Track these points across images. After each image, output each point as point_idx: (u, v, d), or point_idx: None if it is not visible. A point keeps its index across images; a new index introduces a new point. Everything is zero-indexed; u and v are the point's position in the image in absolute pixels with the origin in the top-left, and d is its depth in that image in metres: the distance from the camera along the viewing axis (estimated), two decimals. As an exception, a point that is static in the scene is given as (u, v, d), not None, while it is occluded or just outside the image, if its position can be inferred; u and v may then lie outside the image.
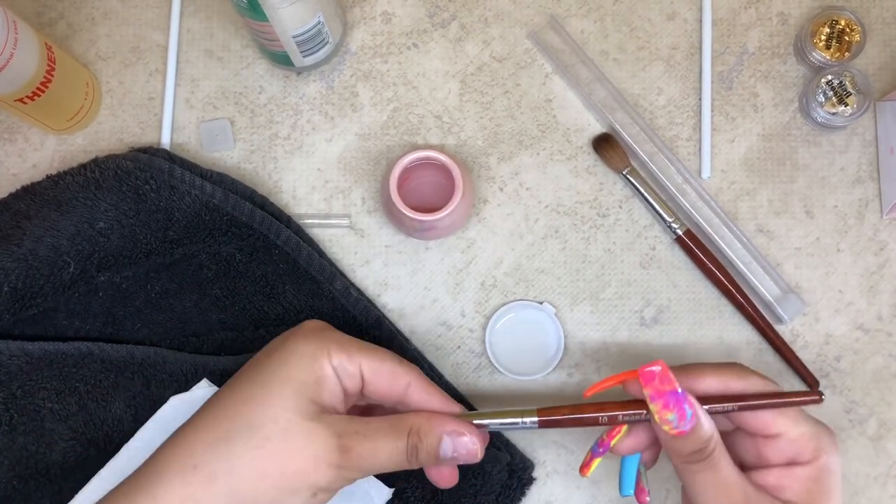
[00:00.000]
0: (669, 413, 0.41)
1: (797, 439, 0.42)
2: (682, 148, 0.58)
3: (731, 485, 0.41)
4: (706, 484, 0.41)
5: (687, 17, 0.59)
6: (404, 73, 0.59)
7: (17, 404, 0.50)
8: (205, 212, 0.52)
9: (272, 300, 0.54)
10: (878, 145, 0.58)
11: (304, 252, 0.54)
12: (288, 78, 0.59)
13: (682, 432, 0.41)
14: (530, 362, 0.56)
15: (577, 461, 0.55)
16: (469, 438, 0.42)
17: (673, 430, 0.41)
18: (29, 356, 0.50)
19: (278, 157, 0.58)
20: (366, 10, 0.59)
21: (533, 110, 0.58)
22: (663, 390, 0.41)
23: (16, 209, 0.51)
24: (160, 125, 0.58)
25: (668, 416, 0.41)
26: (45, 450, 0.50)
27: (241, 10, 0.50)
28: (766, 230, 0.57)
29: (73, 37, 0.59)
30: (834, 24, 0.56)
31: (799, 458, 0.42)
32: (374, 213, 0.58)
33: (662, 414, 0.41)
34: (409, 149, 0.57)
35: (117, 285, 0.53)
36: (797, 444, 0.42)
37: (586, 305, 0.57)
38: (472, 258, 0.57)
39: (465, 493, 0.52)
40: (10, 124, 0.58)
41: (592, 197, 0.58)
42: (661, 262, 0.57)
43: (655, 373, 0.41)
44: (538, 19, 0.59)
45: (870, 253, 0.57)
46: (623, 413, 0.43)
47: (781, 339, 0.55)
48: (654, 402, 0.41)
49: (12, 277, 0.50)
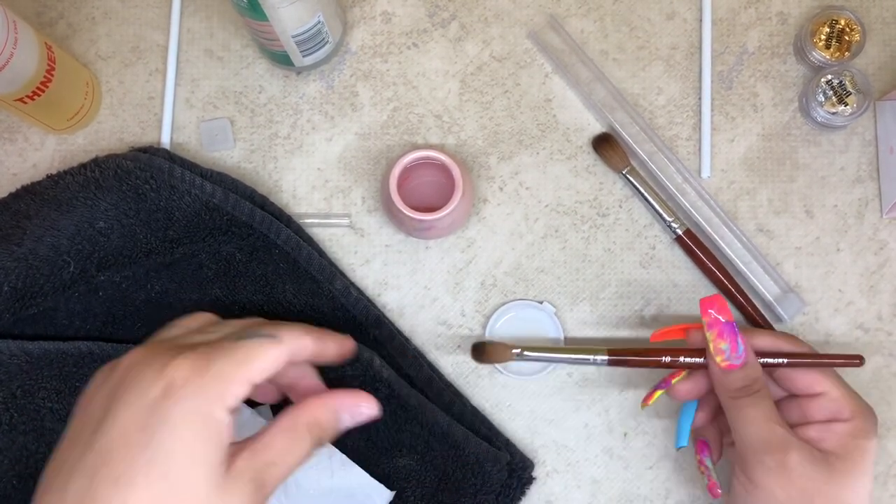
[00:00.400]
0: (723, 342, 0.46)
1: (839, 398, 0.46)
2: (682, 147, 0.58)
3: (773, 421, 0.45)
4: (750, 419, 0.45)
5: (687, 17, 0.59)
6: (404, 72, 0.59)
7: (17, 404, 0.50)
8: (205, 211, 0.52)
9: (272, 300, 0.54)
10: (877, 145, 0.58)
11: (304, 251, 0.54)
12: (288, 77, 0.59)
13: (733, 366, 0.46)
14: (530, 362, 0.55)
15: (576, 461, 0.55)
16: (366, 406, 0.41)
17: (724, 361, 0.46)
18: (29, 355, 0.50)
19: (278, 156, 0.58)
20: (366, 10, 0.60)
21: (533, 110, 0.59)
22: (719, 319, 0.46)
23: (16, 209, 0.51)
24: (160, 125, 0.58)
25: (722, 345, 0.46)
26: (45, 449, 0.50)
27: (241, 9, 0.50)
28: (765, 230, 0.57)
29: (73, 37, 0.59)
30: (834, 24, 0.56)
31: (839, 415, 0.46)
32: (374, 212, 0.58)
33: (717, 343, 0.46)
34: (408, 148, 0.57)
35: (117, 285, 0.53)
36: (838, 402, 0.46)
37: (586, 305, 0.57)
38: (471, 258, 0.57)
39: (464, 493, 0.52)
40: (10, 124, 0.58)
41: (592, 196, 0.58)
42: (661, 261, 0.57)
43: (714, 301, 0.46)
44: (538, 19, 0.59)
45: (870, 252, 0.57)
46: (684, 356, 0.48)
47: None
48: (710, 329, 0.47)
49: (12, 277, 0.50)
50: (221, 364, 0.35)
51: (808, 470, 0.44)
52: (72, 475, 0.33)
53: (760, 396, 0.46)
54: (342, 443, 0.52)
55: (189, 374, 0.34)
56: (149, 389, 0.34)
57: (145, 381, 0.34)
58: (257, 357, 0.37)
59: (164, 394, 0.34)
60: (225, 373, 0.35)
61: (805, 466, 0.44)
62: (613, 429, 0.56)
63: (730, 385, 0.46)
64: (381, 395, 0.52)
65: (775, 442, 0.44)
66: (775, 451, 0.44)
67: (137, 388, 0.34)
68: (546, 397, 0.56)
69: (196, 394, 0.34)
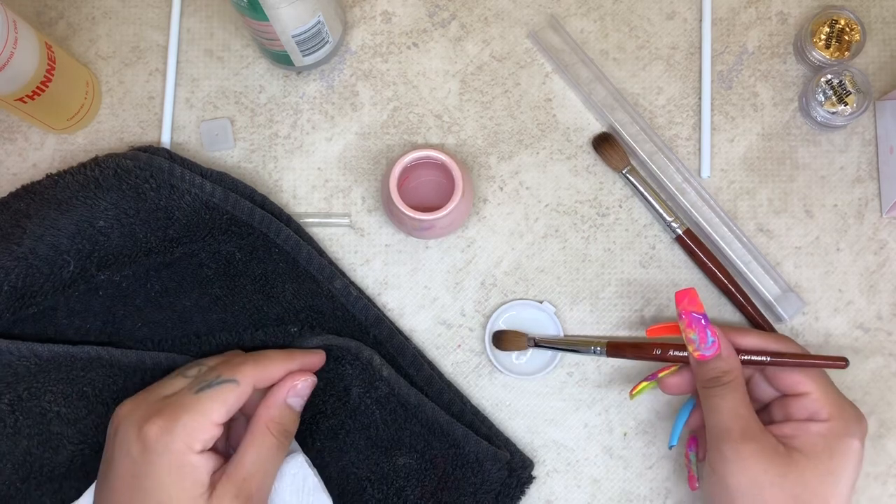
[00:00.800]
0: (692, 332, 0.48)
1: (819, 399, 0.47)
2: (682, 147, 0.58)
3: (738, 411, 0.46)
4: (715, 408, 0.46)
5: (686, 17, 0.59)
6: (404, 72, 0.59)
7: (23, 406, 0.49)
8: (205, 211, 0.52)
9: (272, 299, 0.54)
10: (877, 144, 0.58)
11: (304, 251, 0.54)
12: (288, 77, 0.59)
13: (704, 356, 0.48)
14: (531, 362, 0.56)
15: (576, 460, 0.55)
16: (301, 381, 0.48)
17: (696, 351, 0.48)
18: (38, 357, 0.49)
19: (278, 156, 0.58)
20: (366, 10, 0.60)
21: (533, 110, 0.59)
22: (689, 310, 0.48)
23: (16, 208, 0.51)
24: (160, 124, 0.58)
25: (691, 335, 0.48)
26: (50, 454, 0.50)
27: (241, 9, 0.50)
28: (765, 229, 0.57)
29: (73, 36, 0.59)
30: (834, 24, 0.56)
31: (816, 415, 0.47)
32: (374, 212, 0.58)
33: (687, 333, 0.48)
34: (409, 148, 0.57)
35: (117, 284, 0.53)
36: (818, 403, 0.47)
37: (586, 305, 0.57)
38: (471, 257, 0.57)
39: (464, 492, 0.52)
40: (10, 124, 0.58)
41: (592, 196, 0.58)
42: (661, 261, 0.57)
43: (686, 293, 0.48)
44: (538, 19, 0.59)
45: (869, 252, 0.57)
46: (674, 350, 0.50)
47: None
48: (681, 319, 0.48)
49: (12, 276, 0.50)
50: (185, 420, 0.43)
51: (763, 462, 0.44)
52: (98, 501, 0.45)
53: (730, 388, 0.47)
54: (343, 441, 0.52)
55: (159, 433, 0.43)
56: (131, 447, 0.43)
57: (128, 440, 0.43)
58: (216, 404, 0.44)
59: (142, 451, 0.43)
60: (189, 427, 0.43)
61: (760, 457, 0.44)
62: (613, 429, 0.56)
63: (702, 375, 0.48)
64: (381, 394, 0.52)
65: (735, 431, 0.45)
66: (734, 440, 0.45)
67: (125, 445, 0.44)
68: (546, 397, 0.56)
69: (167, 448, 0.42)
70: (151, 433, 0.43)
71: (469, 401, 0.55)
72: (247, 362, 0.47)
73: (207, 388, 0.45)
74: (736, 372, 0.47)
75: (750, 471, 0.44)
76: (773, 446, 0.45)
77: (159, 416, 0.43)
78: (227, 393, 0.45)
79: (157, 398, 0.45)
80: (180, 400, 0.44)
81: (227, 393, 0.45)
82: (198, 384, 0.45)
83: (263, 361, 0.47)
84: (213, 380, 0.45)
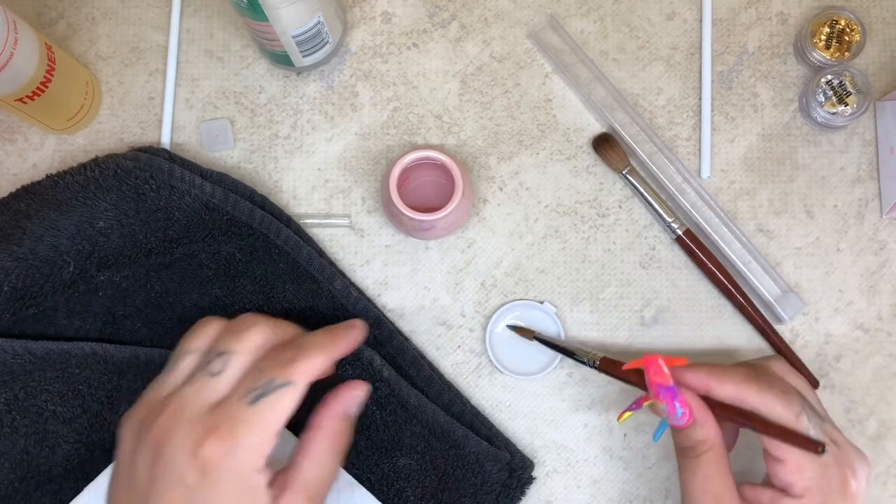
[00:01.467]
0: (661, 403, 0.44)
1: (795, 470, 0.43)
2: (682, 148, 0.58)
3: (710, 488, 0.43)
4: (689, 480, 0.44)
5: (687, 17, 0.59)
6: (404, 72, 0.59)
7: (20, 406, 0.49)
8: (205, 211, 0.52)
9: (272, 300, 0.54)
10: (877, 145, 0.58)
11: (304, 252, 0.54)
12: (288, 78, 0.59)
13: (676, 426, 0.45)
14: (531, 362, 0.56)
15: (576, 461, 0.55)
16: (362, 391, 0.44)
17: (669, 419, 0.44)
18: (33, 355, 0.50)
19: (278, 156, 0.58)
20: (366, 10, 0.60)
21: (533, 110, 0.59)
22: (655, 381, 0.44)
23: (16, 208, 0.51)
24: (160, 125, 0.58)
25: (660, 405, 0.44)
26: (47, 453, 0.50)
27: (241, 9, 0.50)
28: (765, 230, 0.57)
29: (73, 37, 0.59)
30: (834, 24, 0.56)
31: (791, 488, 0.43)
32: (374, 212, 0.58)
33: (656, 403, 0.45)
34: (408, 148, 0.57)
35: (117, 284, 0.53)
36: (794, 476, 0.43)
37: (586, 305, 0.57)
38: (471, 258, 0.57)
39: (465, 492, 0.52)
40: (10, 124, 0.58)
41: (592, 197, 0.58)
42: (661, 261, 0.57)
43: (650, 363, 0.44)
44: (538, 19, 0.59)
45: (870, 252, 0.57)
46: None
47: (781, 338, 0.55)
48: (651, 387, 0.45)
49: (12, 277, 0.50)
50: (246, 437, 0.38)
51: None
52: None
53: (704, 461, 0.43)
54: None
55: (221, 456, 0.37)
56: (186, 474, 0.37)
57: (180, 465, 0.37)
58: (278, 415, 0.39)
59: (201, 478, 0.37)
60: (252, 444, 0.38)
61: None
62: (613, 429, 0.56)
63: (678, 442, 0.45)
64: (381, 395, 0.52)
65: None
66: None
67: (175, 472, 0.37)
68: (546, 397, 0.56)
69: (231, 472, 0.37)
70: (211, 457, 0.37)
71: (469, 401, 0.55)
72: (297, 358, 0.40)
73: (263, 397, 0.39)
74: (712, 441, 0.44)
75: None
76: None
77: (215, 435, 0.37)
78: (286, 398, 0.39)
79: (199, 410, 0.39)
80: (235, 413, 0.38)
81: (286, 398, 0.39)
82: (249, 392, 0.39)
83: (311, 353, 0.41)
84: (267, 385, 0.39)
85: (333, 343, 0.43)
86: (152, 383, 0.42)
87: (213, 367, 0.41)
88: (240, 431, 0.38)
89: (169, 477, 0.37)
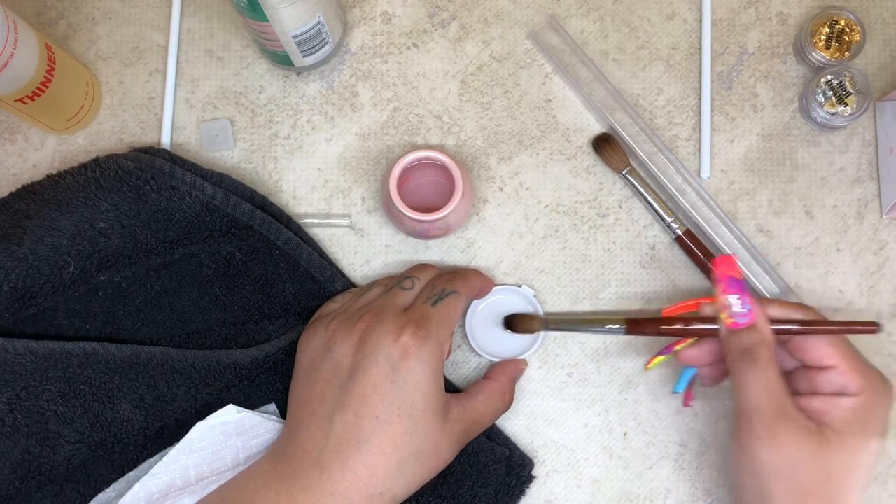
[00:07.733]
0: (731, 296, 0.47)
1: (847, 372, 0.46)
2: (682, 148, 0.58)
3: (771, 389, 0.45)
4: (747, 385, 0.45)
5: (686, 17, 0.59)
6: (404, 73, 0.59)
7: (22, 406, 0.49)
8: (205, 213, 0.52)
9: (272, 300, 0.54)
10: (877, 145, 0.58)
11: (305, 252, 0.54)
12: (288, 78, 0.59)
13: (738, 325, 0.47)
14: (512, 345, 0.55)
15: (576, 461, 0.55)
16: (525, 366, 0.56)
17: (729, 318, 0.47)
18: (34, 355, 0.49)
19: (278, 156, 0.58)
20: (366, 10, 0.60)
21: (533, 110, 0.59)
22: (728, 274, 0.47)
23: (16, 208, 0.51)
24: (160, 125, 0.58)
25: (730, 298, 0.47)
26: (48, 452, 0.50)
27: (241, 10, 0.50)
28: (765, 230, 0.57)
29: (73, 37, 0.59)
30: (834, 24, 0.56)
31: (846, 389, 0.46)
32: (374, 212, 0.58)
33: (723, 298, 0.47)
34: (409, 149, 0.57)
35: (117, 285, 0.53)
36: (847, 376, 0.46)
37: (586, 305, 0.57)
38: (472, 258, 0.57)
39: (462, 485, 0.52)
40: (11, 124, 0.58)
41: (592, 197, 0.58)
42: (661, 261, 0.57)
43: (726, 259, 0.47)
44: (538, 19, 0.59)
45: (869, 253, 0.57)
46: (697, 322, 0.49)
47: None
48: (719, 283, 0.47)
49: (12, 277, 0.50)
50: (434, 329, 0.47)
51: (797, 440, 0.44)
52: (335, 410, 0.45)
53: (762, 364, 0.45)
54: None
55: (415, 341, 0.46)
56: (391, 352, 0.45)
57: (386, 346, 0.46)
58: (453, 314, 0.49)
59: (402, 356, 0.45)
60: (438, 335, 0.47)
61: (793, 436, 0.44)
62: (613, 429, 0.56)
63: (734, 347, 0.47)
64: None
65: (768, 410, 0.44)
66: (766, 418, 0.44)
67: (382, 351, 0.46)
68: (546, 397, 0.56)
69: (425, 356, 0.46)
70: (410, 342, 0.46)
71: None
72: (457, 278, 0.51)
73: (440, 301, 0.49)
74: (769, 345, 0.46)
75: (783, 450, 0.44)
76: (806, 424, 0.44)
77: (413, 325, 0.46)
78: (457, 302, 0.49)
79: (396, 311, 0.48)
80: (423, 312, 0.48)
81: (457, 302, 0.49)
82: (429, 298, 0.49)
83: (468, 274, 0.52)
84: (442, 293, 0.49)
85: (480, 275, 0.54)
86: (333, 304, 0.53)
87: (404, 284, 0.50)
88: (429, 324, 0.47)
89: (374, 357, 0.46)
